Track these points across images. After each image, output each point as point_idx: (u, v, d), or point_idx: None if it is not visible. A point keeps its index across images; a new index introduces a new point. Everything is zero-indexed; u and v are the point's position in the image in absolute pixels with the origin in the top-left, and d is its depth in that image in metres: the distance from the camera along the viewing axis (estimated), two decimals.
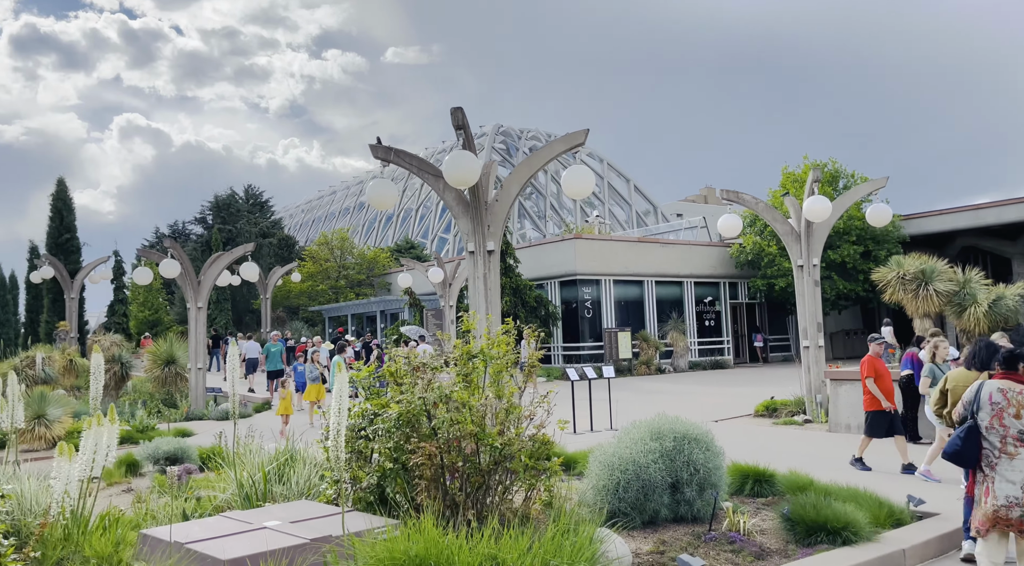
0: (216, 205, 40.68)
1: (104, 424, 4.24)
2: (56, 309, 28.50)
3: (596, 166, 55.45)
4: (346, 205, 58.36)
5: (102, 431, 4.28)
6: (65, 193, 29.00)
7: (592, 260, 26.48)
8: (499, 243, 10.07)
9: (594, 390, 13.63)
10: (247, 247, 18.19)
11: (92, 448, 4.37)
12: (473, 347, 5.99)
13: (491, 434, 5.26)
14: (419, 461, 5.05)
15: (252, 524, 5.09)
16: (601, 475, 6.40)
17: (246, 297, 36.18)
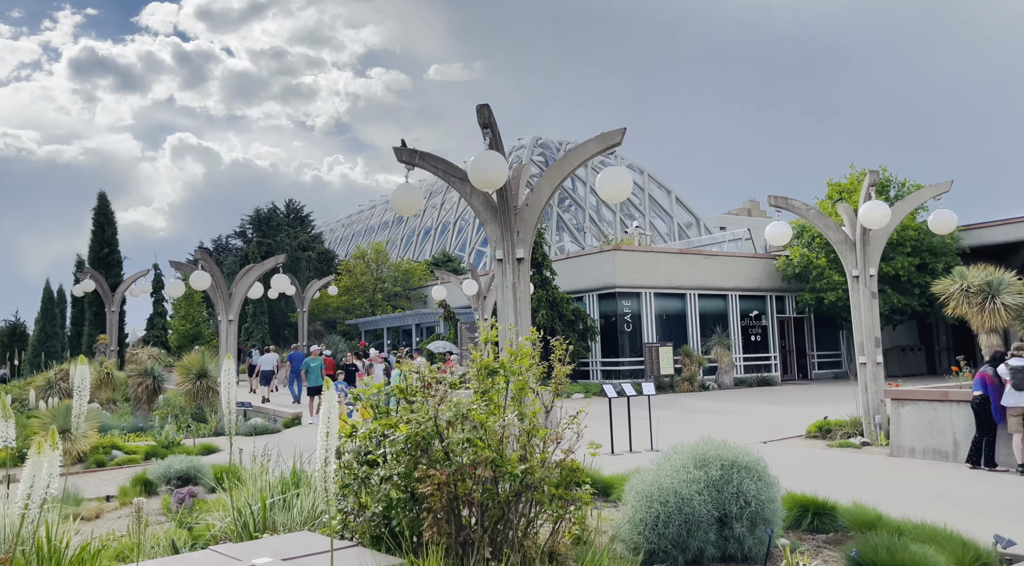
0: (256, 219, 40.95)
1: (45, 452, 3.70)
2: (98, 322, 28.75)
3: (636, 178, 54.59)
4: (385, 219, 58.46)
5: (41, 461, 3.74)
6: (106, 208, 29.35)
7: (632, 272, 25.67)
8: (529, 250, 9.44)
9: (634, 408, 12.86)
10: (278, 259, 17.90)
11: (30, 479, 3.83)
12: (493, 361, 5.36)
13: (510, 460, 4.61)
14: (427, 491, 4.42)
15: (240, 561, 4.51)
16: (638, 507, 5.68)
17: (284, 310, 36.18)
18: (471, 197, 9.44)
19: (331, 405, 3.76)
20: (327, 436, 3.72)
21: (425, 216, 51.88)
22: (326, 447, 3.71)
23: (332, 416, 3.75)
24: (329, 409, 3.75)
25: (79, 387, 5.13)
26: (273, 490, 5.93)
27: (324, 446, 3.71)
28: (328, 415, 3.74)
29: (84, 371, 5.19)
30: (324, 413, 3.74)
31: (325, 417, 3.73)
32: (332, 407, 3.76)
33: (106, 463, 12.99)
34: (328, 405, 3.75)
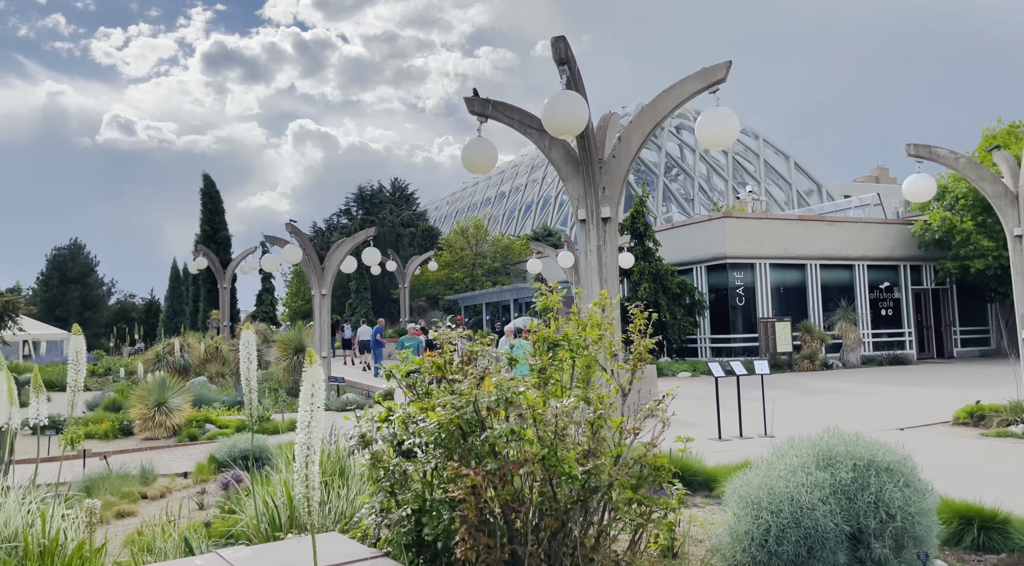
0: (359, 197, 41.43)
1: None
2: (212, 299, 29.82)
3: (750, 142, 51.38)
4: (487, 195, 58.03)
5: None
6: (212, 188, 30.26)
7: (744, 241, 23.72)
8: (616, 209, 8.25)
9: (746, 388, 11.44)
10: (368, 232, 17.49)
11: None
12: (554, 332, 4.31)
13: (566, 458, 3.56)
14: (458, 495, 3.45)
15: None
16: (742, 516, 4.50)
17: (387, 286, 36.42)
18: (550, 150, 8.35)
19: (315, 383, 2.84)
20: (308, 426, 2.81)
21: (527, 190, 50.98)
22: (307, 440, 2.80)
23: (316, 396, 2.84)
24: (313, 387, 2.83)
25: (247, 356, 4.50)
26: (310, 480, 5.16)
27: (304, 439, 2.80)
28: (312, 395, 2.82)
29: (248, 337, 4.54)
30: (305, 393, 2.83)
31: (307, 399, 2.82)
32: (317, 385, 2.84)
33: (198, 437, 12.95)
34: (312, 382, 2.84)
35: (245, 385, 4.79)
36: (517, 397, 3.62)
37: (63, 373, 23.03)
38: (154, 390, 13.48)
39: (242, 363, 4.75)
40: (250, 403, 4.82)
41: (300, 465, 2.78)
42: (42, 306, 61.84)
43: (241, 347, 4.78)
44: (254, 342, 4.80)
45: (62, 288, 64.72)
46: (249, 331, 4.81)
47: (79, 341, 4.71)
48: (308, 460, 2.78)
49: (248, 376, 4.75)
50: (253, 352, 4.77)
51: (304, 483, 2.77)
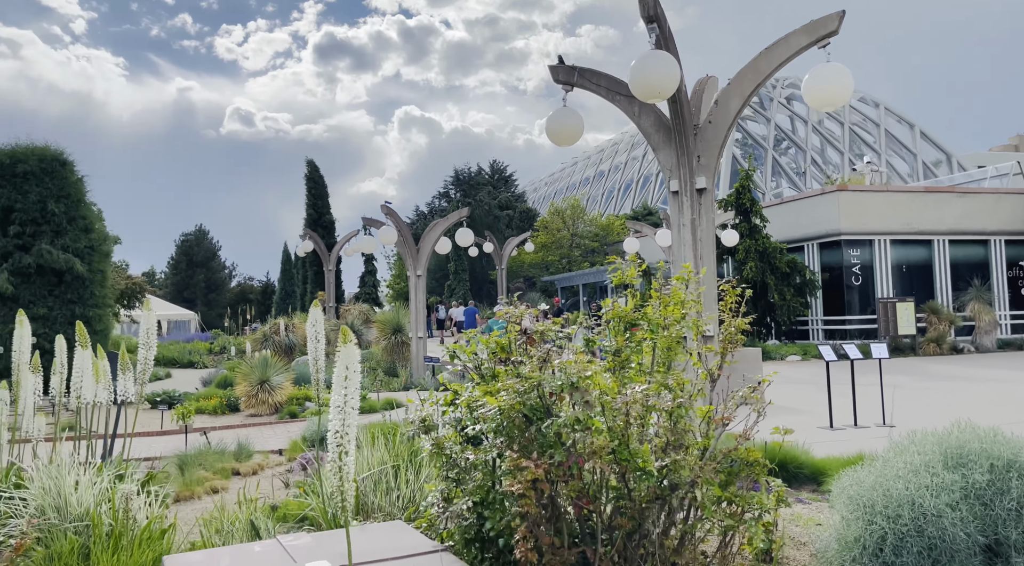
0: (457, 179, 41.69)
1: None
2: (318, 281, 30.82)
3: (870, 112, 47.99)
4: (586, 175, 57.16)
5: None
6: (316, 173, 31.14)
7: (862, 216, 22.06)
8: (713, 180, 7.64)
9: (862, 374, 10.52)
10: (461, 212, 17.38)
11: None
12: (631, 310, 3.88)
13: (640, 451, 3.15)
14: (517, 489, 3.11)
15: (294, 562, 3.55)
16: (852, 520, 3.94)
17: (484, 268, 36.53)
18: (639, 117, 7.81)
19: (349, 364, 2.56)
20: (342, 411, 2.53)
21: (626, 169, 49.78)
22: (340, 427, 2.53)
23: (351, 378, 2.56)
24: (347, 369, 2.55)
25: (314, 335, 4.46)
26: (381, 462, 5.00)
27: (338, 426, 2.53)
28: (345, 377, 2.54)
29: (316, 314, 4.51)
30: (339, 375, 2.56)
31: (340, 381, 2.55)
32: (351, 366, 2.56)
33: (298, 415, 13.29)
34: (346, 364, 2.56)
35: (312, 364, 4.64)
36: (584, 382, 3.23)
37: (184, 351, 24.44)
38: (257, 368, 13.93)
39: (309, 342, 4.60)
40: (316, 382, 4.66)
41: (333, 455, 2.51)
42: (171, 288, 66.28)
43: (308, 325, 4.63)
44: (322, 320, 4.64)
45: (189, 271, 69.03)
46: (317, 309, 4.64)
47: (149, 318, 4.70)
48: (342, 450, 2.51)
49: (316, 355, 4.60)
50: (321, 330, 4.60)
51: (339, 475, 2.51)
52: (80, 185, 17.16)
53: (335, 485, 2.50)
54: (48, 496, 4.08)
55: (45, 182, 16.57)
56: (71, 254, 16.42)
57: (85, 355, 5.16)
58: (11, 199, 16.29)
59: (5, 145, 16.61)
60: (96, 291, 16.85)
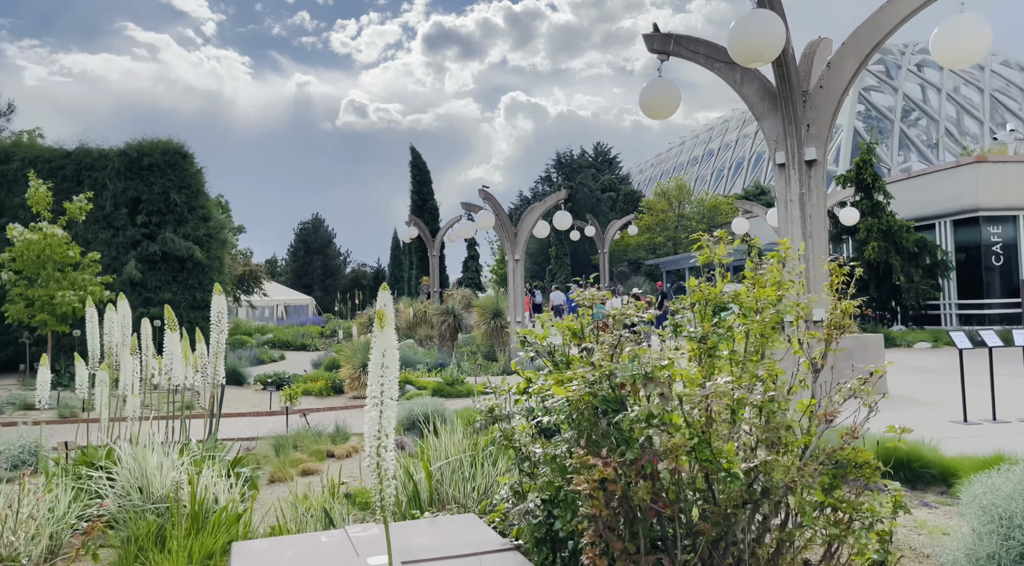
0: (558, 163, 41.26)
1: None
2: (423, 266, 31.38)
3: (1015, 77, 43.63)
4: (694, 154, 55.21)
5: None
6: (419, 160, 31.60)
7: (1003, 189, 20.00)
8: (824, 150, 6.98)
9: (1004, 363, 9.45)
10: (559, 195, 17.06)
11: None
12: (719, 293, 3.48)
13: (723, 451, 2.78)
14: (583, 489, 2.82)
15: (358, 557, 3.43)
16: (985, 533, 3.40)
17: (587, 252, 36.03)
18: (741, 84, 7.25)
19: (387, 350, 2.36)
20: (380, 401, 2.33)
21: (737, 147, 47.66)
22: (378, 418, 2.33)
23: (389, 367, 2.35)
24: (385, 355, 2.34)
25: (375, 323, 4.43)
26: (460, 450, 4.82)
27: (375, 417, 2.33)
28: (383, 365, 2.34)
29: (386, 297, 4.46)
30: (375, 362, 2.35)
31: (377, 369, 2.34)
32: (389, 353, 2.35)
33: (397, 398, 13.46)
34: (383, 349, 2.35)
35: None
36: (659, 372, 2.89)
37: (297, 334, 25.50)
38: (359, 351, 14.21)
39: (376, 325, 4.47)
40: None
41: (371, 449, 2.31)
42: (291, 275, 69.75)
43: (377, 307, 4.49)
44: (390, 303, 4.49)
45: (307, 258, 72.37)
46: (385, 292, 4.50)
47: (220, 301, 4.70)
48: (380, 445, 2.30)
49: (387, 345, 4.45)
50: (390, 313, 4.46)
51: (377, 472, 2.30)
52: (199, 176, 18.12)
53: (373, 483, 2.30)
54: (132, 477, 4.15)
55: (168, 174, 17.60)
56: (191, 242, 17.37)
57: (173, 338, 5.26)
58: (139, 191, 17.41)
59: (133, 140, 17.76)
60: (214, 277, 17.77)
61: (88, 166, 17.39)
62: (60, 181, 16.82)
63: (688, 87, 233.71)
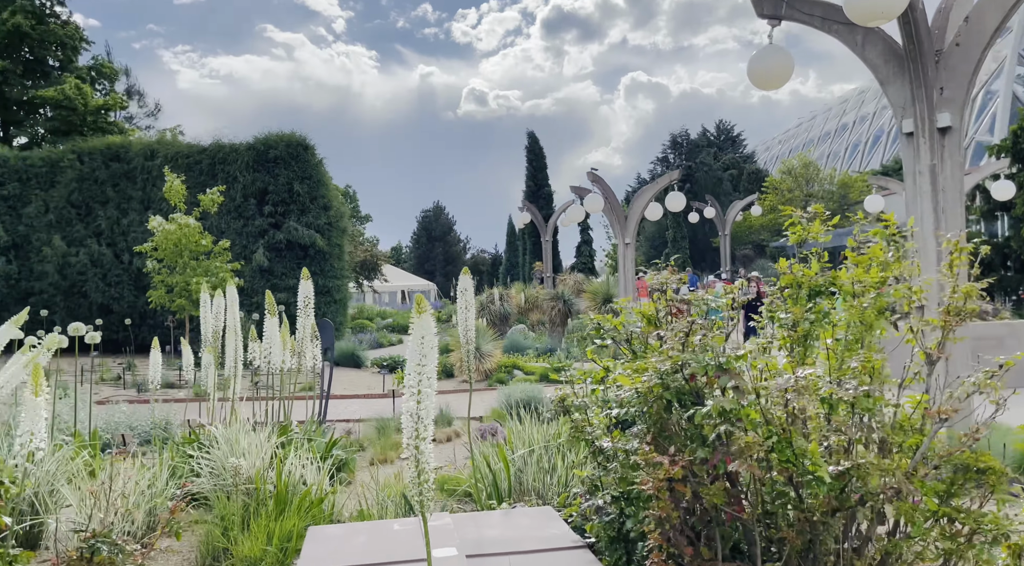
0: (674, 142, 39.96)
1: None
2: (536, 251, 31.40)
3: None
4: (826, 129, 51.81)
5: None
6: (536, 145, 31.51)
7: None
8: (961, 117, 6.25)
9: None
10: (672, 175, 16.47)
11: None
12: (813, 274, 3.13)
13: (807, 451, 2.47)
14: (648, 490, 2.60)
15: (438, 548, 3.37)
16: None
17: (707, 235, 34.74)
18: (863, 47, 6.61)
19: (425, 335, 2.24)
20: (417, 391, 2.22)
21: (874, 120, 44.25)
22: (416, 409, 2.22)
23: (427, 355, 2.23)
24: (423, 341, 2.23)
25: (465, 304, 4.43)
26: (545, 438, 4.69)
27: (412, 408, 2.22)
28: (422, 354, 2.22)
29: (466, 282, 4.47)
30: (414, 349, 2.24)
31: (416, 356, 2.23)
32: (427, 338, 2.23)
33: (506, 382, 13.51)
34: (422, 335, 2.24)
35: (463, 335, 4.43)
36: (734, 362, 2.61)
37: None
38: None
39: (459, 311, 4.39)
40: (467, 354, 4.45)
41: (408, 438, 2.20)
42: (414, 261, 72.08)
43: (458, 293, 4.42)
44: (471, 287, 4.40)
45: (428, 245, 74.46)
46: (466, 276, 4.42)
47: (307, 287, 4.78)
48: (418, 436, 2.19)
49: (466, 326, 4.38)
50: (471, 299, 4.37)
51: (415, 465, 2.19)
52: (320, 167, 18.91)
53: (410, 477, 2.20)
54: (225, 458, 4.31)
55: (291, 165, 18.48)
56: (313, 230, 18.19)
57: (273, 323, 5.42)
58: (265, 182, 18.40)
59: (260, 135, 18.78)
60: (335, 264, 18.55)
61: (221, 160, 18.55)
62: (197, 175, 18.05)
63: (823, 59, 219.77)
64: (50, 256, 18.11)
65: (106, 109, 25.06)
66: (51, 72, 25.23)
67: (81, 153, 18.84)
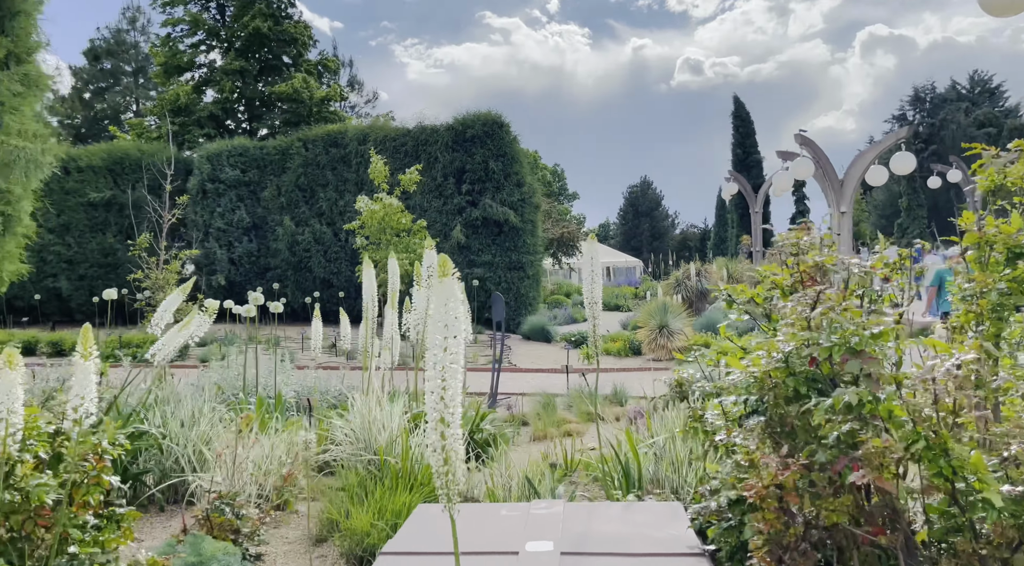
0: (915, 99, 35.19)
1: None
2: (744, 224, 29.51)
3: None
4: None
5: None
6: (742, 110, 29.42)
7: None
8: None
9: None
10: (899, 134, 14.44)
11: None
12: (1014, 231, 2.36)
13: (967, 461, 1.83)
14: (750, 497, 2.09)
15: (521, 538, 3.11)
16: None
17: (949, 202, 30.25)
18: None
19: (448, 302, 1.94)
20: (441, 367, 1.94)
21: None
22: (440, 387, 1.94)
23: (452, 329, 1.93)
24: (446, 308, 1.94)
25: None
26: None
27: (436, 386, 1.94)
28: (445, 325, 1.94)
29: (592, 247, 4.38)
30: (437, 318, 1.95)
31: (439, 326, 1.95)
32: (451, 305, 1.94)
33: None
34: (445, 302, 1.95)
35: (588, 310, 4.05)
36: (869, 343, 2.00)
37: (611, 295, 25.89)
38: (656, 313, 13.79)
39: (584, 282, 4.02)
40: (593, 330, 4.07)
41: (431, 423, 1.93)
42: (620, 238, 71.60)
43: (583, 262, 4.04)
44: (598, 255, 4.01)
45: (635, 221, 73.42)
46: (592, 243, 4.02)
47: (430, 257, 4.66)
48: (442, 420, 1.91)
49: (592, 298, 4.00)
50: (597, 268, 3.98)
51: (440, 452, 1.91)
52: (515, 144, 19.14)
53: (435, 466, 1.92)
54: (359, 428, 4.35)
55: (487, 144, 18.90)
56: (507, 207, 18.49)
57: (422, 295, 5.41)
58: (463, 161, 19.01)
59: (459, 115, 19.41)
60: (527, 240, 18.73)
61: (423, 142, 19.46)
62: (402, 157, 19.11)
63: None
64: (282, 235, 20.23)
65: (328, 100, 27.46)
66: (284, 69, 28.13)
67: (306, 141, 20.77)
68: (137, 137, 26.65)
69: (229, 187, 20.82)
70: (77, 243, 20.92)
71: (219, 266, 20.38)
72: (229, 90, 26.64)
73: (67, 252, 20.82)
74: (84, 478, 2.69)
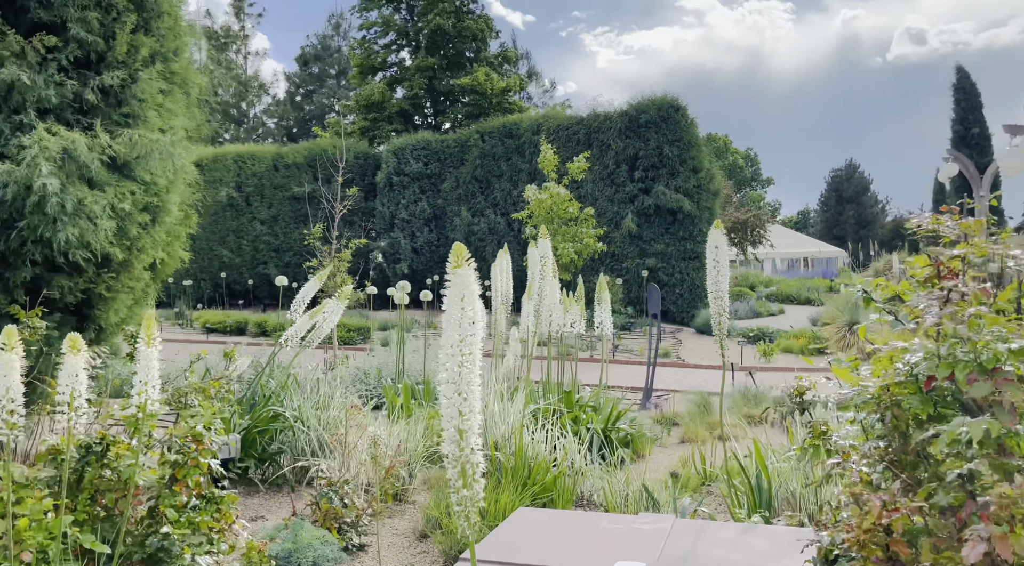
0: None
1: None
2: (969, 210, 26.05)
3: None
4: None
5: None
6: (966, 81, 25.79)
7: None
8: None
9: None
10: None
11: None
12: None
13: None
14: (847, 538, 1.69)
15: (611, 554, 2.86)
16: None
17: None
18: None
19: (467, 292, 1.74)
20: (459, 362, 1.74)
21: None
22: (456, 382, 1.74)
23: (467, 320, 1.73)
24: (463, 300, 1.74)
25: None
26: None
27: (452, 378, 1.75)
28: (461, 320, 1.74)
29: (717, 236, 4.15)
30: (452, 308, 1.76)
31: (455, 318, 1.75)
32: (468, 295, 1.74)
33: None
34: (463, 291, 1.75)
35: (713, 303, 3.63)
36: (1010, 358, 1.52)
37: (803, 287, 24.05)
38: (845, 308, 12.49)
39: (708, 271, 3.61)
40: (719, 325, 3.64)
41: (449, 434, 1.74)
42: (821, 226, 66.61)
43: (707, 250, 3.64)
44: (724, 245, 3.59)
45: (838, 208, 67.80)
46: (718, 231, 3.59)
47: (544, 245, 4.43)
48: (460, 429, 1.71)
49: (717, 290, 3.59)
50: (723, 258, 3.57)
51: (458, 467, 1.72)
52: (691, 128, 18.26)
53: (452, 482, 1.73)
54: None
55: (662, 129, 18.20)
56: (681, 194, 17.71)
57: (553, 285, 5.26)
58: (636, 148, 18.48)
59: (632, 100, 18.87)
60: (703, 228, 17.80)
61: (596, 129, 19.18)
62: (574, 145, 18.96)
63: None
64: (459, 225, 20.95)
65: (508, 90, 27.97)
66: (466, 63, 29.05)
67: (483, 132, 21.30)
68: (335, 134, 28.90)
69: (412, 179, 21.91)
70: (283, 232, 23.12)
71: (403, 255, 21.55)
72: (418, 86, 28.03)
73: (275, 241, 23.09)
74: (186, 459, 2.82)
